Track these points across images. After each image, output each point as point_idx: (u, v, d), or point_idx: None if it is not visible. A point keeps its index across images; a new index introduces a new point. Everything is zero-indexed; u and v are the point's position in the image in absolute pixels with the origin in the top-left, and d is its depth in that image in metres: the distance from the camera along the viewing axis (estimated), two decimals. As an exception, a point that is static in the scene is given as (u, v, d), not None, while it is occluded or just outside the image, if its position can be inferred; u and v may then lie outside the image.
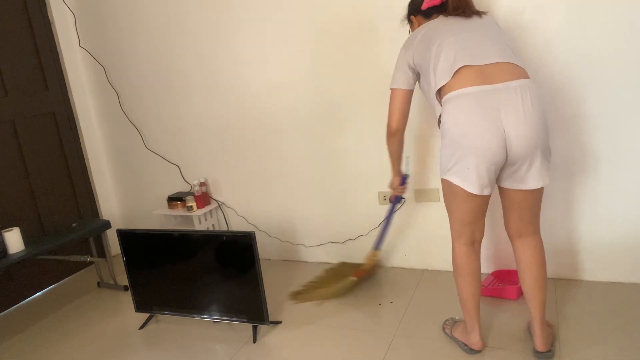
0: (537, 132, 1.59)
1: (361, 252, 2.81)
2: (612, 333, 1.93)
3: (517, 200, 1.75)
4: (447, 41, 1.70)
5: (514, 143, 1.59)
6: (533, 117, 1.58)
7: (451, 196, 1.76)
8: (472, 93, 1.61)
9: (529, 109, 1.58)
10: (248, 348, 2.16)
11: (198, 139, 3.06)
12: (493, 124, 1.58)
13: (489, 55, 1.64)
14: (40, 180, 3.03)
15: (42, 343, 2.44)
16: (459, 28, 1.73)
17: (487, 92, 1.59)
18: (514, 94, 1.58)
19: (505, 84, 1.59)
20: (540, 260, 1.80)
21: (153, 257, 2.33)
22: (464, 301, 1.86)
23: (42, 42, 3.06)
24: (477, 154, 1.61)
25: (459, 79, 1.64)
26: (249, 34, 2.72)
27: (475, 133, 1.60)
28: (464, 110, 1.61)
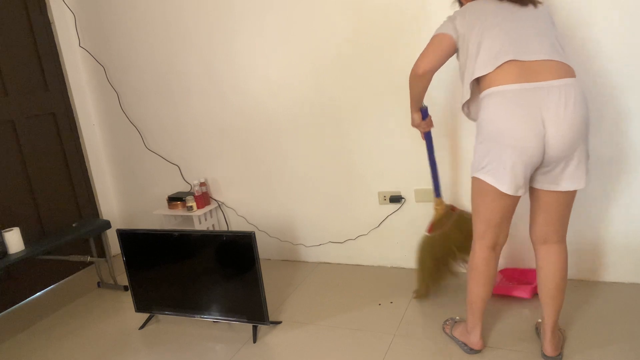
0: (576, 133, 1.54)
1: (361, 252, 2.81)
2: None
3: (547, 202, 1.71)
4: (495, 29, 1.62)
5: (552, 143, 1.55)
6: (573, 118, 1.53)
7: (480, 195, 1.70)
8: (513, 90, 1.55)
9: (570, 109, 1.52)
10: (248, 348, 2.16)
11: (198, 139, 3.06)
12: (533, 123, 1.53)
13: (536, 51, 1.57)
14: (40, 180, 3.03)
15: (42, 343, 2.44)
16: (511, 16, 1.63)
17: (529, 90, 1.54)
18: (556, 94, 1.52)
19: (548, 83, 1.53)
20: (564, 270, 1.76)
21: (153, 257, 2.33)
22: (472, 302, 1.84)
23: (42, 42, 3.06)
24: (515, 153, 1.56)
25: (502, 73, 1.58)
26: (249, 34, 2.72)
27: (514, 132, 1.55)
28: (504, 107, 1.56)
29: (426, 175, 2.53)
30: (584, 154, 1.60)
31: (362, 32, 2.47)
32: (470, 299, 1.85)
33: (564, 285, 1.76)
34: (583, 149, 1.59)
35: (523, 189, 1.64)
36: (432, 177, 2.30)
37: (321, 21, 2.53)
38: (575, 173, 1.61)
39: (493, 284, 1.82)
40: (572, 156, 1.58)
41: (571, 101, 1.53)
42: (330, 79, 2.60)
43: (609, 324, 1.99)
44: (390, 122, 2.53)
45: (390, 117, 2.52)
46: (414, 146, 2.52)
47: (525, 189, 1.65)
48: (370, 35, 2.45)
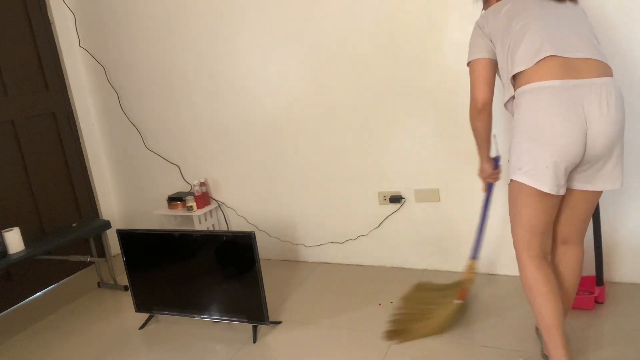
0: (617, 131, 1.51)
1: (361, 252, 2.82)
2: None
3: (575, 201, 1.66)
4: (535, 24, 1.57)
5: (595, 141, 1.50)
6: (615, 116, 1.50)
7: (521, 199, 1.60)
8: (554, 87, 1.50)
9: (612, 107, 1.49)
10: (248, 348, 2.16)
11: (198, 139, 3.06)
12: (575, 119, 1.48)
13: (577, 48, 1.53)
14: (40, 180, 3.03)
15: (42, 343, 2.43)
16: (550, 12, 1.59)
17: (570, 87, 1.49)
18: (597, 91, 1.49)
19: (590, 80, 1.49)
20: (578, 272, 1.74)
21: (153, 257, 2.33)
22: (548, 327, 1.59)
23: (42, 42, 3.06)
24: (556, 150, 1.50)
25: (542, 69, 1.52)
26: (249, 34, 2.72)
27: (555, 128, 1.49)
28: (545, 104, 1.50)
29: (426, 176, 2.53)
30: (621, 154, 1.57)
31: (361, 32, 2.47)
32: (544, 323, 1.60)
33: (575, 288, 1.75)
34: (621, 149, 1.56)
35: (564, 187, 1.57)
36: (477, 237, 2.11)
37: (321, 21, 2.53)
38: (612, 173, 1.58)
39: (559, 297, 1.61)
40: (611, 155, 1.55)
41: (612, 100, 1.49)
42: (331, 79, 2.60)
43: (611, 324, 1.99)
44: (390, 122, 2.53)
45: (390, 117, 2.52)
46: (414, 146, 2.52)
47: (565, 188, 1.58)
48: (370, 35, 2.45)
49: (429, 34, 2.33)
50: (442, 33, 2.31)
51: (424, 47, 2.36)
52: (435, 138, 2.46)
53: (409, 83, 2.44)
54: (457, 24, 2.28)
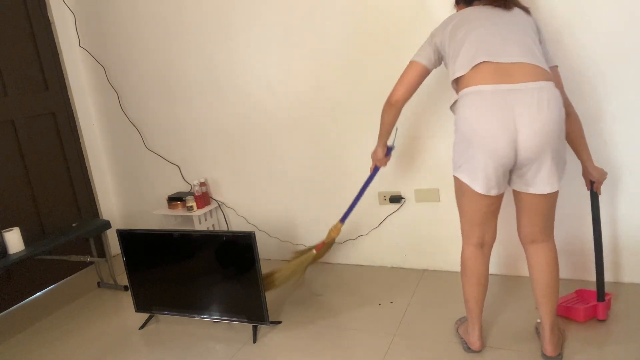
0: (547, 136, 1.55)
1: (361, 252, 2.81)
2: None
3: (528, 203, 1.71)
4: (474, 32, 1.66)
5: (523, 145, 1.56)
6: (546, 120, 1.54)
7: (461, 194, 1.75)
8: (487, 91, 1.58)
9: (544, 111, 1.53)
10: (248, 348, 2.16)
11: (198, 139, 3.06)
12: (505, 124, 1.55)
13: (512, 54, 1.59)
14: (40, 180, 3.03)
15: (42, 343, 2.44)
16: (492, 20, 1.67)
17: (503, 91, 1.56)
18: (529, 96, 1.54)
19: (523, 85, 1.55)
20: (554, 267, 1.76)
21: (153, 257, 2.33)
22: (466, 301, 1.87)
23: (42, 42, 3.06)
24: (486, 153, 1.59)
25: (477, 74, 1.61)
26: (249, 34, 2.72)
27: (486, 132, 1.57)
28: (478, 108, 1.58)
29: (426, 176, 2.53)
30: (557, 157, 1.60)
31: (361, 33, 2.47)
32: (464, 298, 1.88)
33: (555, 284, 1.77)
34: (556, 153, 1.59)
35: (496, 189, 1.67)
36: (350, 205, 2.40)
37: (321, 21, 2.53)
38: (547, 176, 1.61)
39: (484, 283, 1.83)
40: (544, 158, 1.58)
41: (544, 104, 1.54)
42: (331, 79, 2.60)
43: (608, 323, 1.99)
44: (390, 122, 2.53)
45: (390, 117, 2.52)
46: (414, 146, 2.52)
47: (499, 189, 1.68)
48: (370, 35, 2.45)
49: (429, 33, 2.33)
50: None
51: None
52: (435, 138, 2.46)
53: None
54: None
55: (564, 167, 1.65)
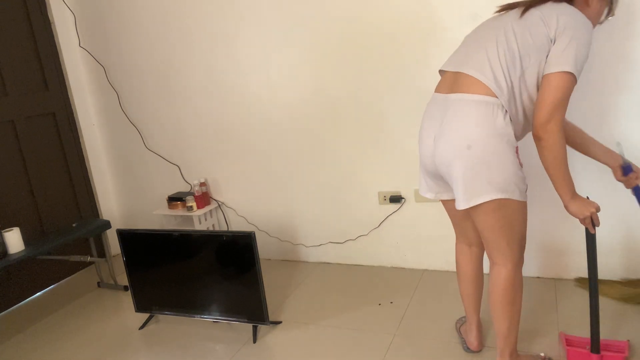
0: (449, 152, 1.50)
1: (361, 252, 2.81)
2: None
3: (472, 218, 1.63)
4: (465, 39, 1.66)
5: (436, 154, 1.56)
6: (455, 134, 1.48)
7: None
8: (432, 99, 1.63)
9: (455, 124, 1.48)
10: (248, 348, 2.16)
11: (198, 139, 3.06)
12: (428, 131, 1.59)
13: (463, 63, 1.54)
14: (40, 180, 3.03)
15: (42, 343, 2.44)
16: (484, 25, 1.61)
17: (438, 99, 1.59)
18: (450, 107, 1.51)
19: (453, 95, 1.52)
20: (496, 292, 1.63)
21: (153, 257, 2.33)
22: (461, 298, 1.92)
23: (42, 42, 3.06)
24: (420, 158, 1.68)
25: (440, 81, 1.65)
26: (249, 34, 2.72)
27: (419, 139, 1.65)
28: (423, 116, 1.66)
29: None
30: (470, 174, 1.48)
31: (363, 33, 2.46)
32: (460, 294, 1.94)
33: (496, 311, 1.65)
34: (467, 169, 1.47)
35: (431, 193, 1.72)
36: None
37: (322, 21, 2.53)
38: (460, 191, 1.52)
39: (472, 282, 1.85)
40: (453, 172, 1.51)
41: (458, 117, 1.48)
42: (331, 79, 2.60)
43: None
44: (391, 121, 2.53)
45: (391, 117, 2.53)
46: (415, 146, 2.52)
47: (436, 194, 1.71)
48: (370, 35, 2.45)
49: (430, 34, 2.33)
50: (443, 33, 2.31)
51: (424, 48, 2.36)
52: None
53: (410, 83, 2.44)
54: (457, 25, 2.27)
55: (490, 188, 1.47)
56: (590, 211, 1.50)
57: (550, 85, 1.41)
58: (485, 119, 1.45)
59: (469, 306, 1.89)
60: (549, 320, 2.06)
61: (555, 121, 1.41)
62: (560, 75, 1.40)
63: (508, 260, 1.60)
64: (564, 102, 1.41)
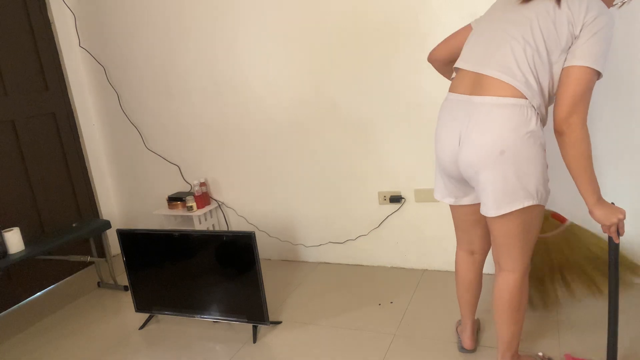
0: (476, 157, 1.44)
1: (361, 252, 2.81)
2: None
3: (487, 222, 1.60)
4: (477, 30, 1.55)
5: (461, 159, 1.50)
6: (478, 141, 1.43)
7: None
8: (449, 99, 1.55)
9: (480, 130, 1.43)
10: (248, 348, 2.16)
11: (198, 139, 3.06)
12: (450, 134, 1.51)
13: (486, 64, 1.46)
14: (40, 180, 3.03)
15: (42, 343, 2.44)
16: (497, 17, 1.51)
17: (461, 101, 1.49)
18: (477, 110, 1.44)
19: (479, 98, 1.44)
20: (503, 299, 1.60)
21: (153, 257, 2.33)
22: (458, 301, 1.92)
23: (42, 42, 3.06)
24: (438, 161, 1.61)
25: (455, 80, 1.56)
26: (249, 34, 2.72)
27: (438, 140, 1.57)
28: (441, 116, 1.57)
29: (426, 175, 2.53)
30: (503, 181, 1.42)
31: (363, 33, 2.47)
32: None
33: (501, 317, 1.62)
34: (498, 175, 1.42)
35: (450, 198, 1.66)
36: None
37: (322, 21, 2.53)
38: (489, 198, 1.46)
39: (470, 288, 1.83)
40: (483, 179, 1.45)
41: (482, 123, 1.42)
42: (331, 79, 2.60)
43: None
44: (391, 121, 2.53)
45: (390, 117, 2.53)
46: (414, 146, 2.52)
47: (456, 199, 1.65)
48: (371, 35, 2.45)
49: (430, 34, 2.33)
50: (443, 34, 2.31)
51: (424, 48, 2.36)
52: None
53: (410, 83, 2.44)
54: (457, 25, 2.27)
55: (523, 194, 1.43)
56: (618, 218, 1.40)
57: (570, 78, 1.37)
58: (519, 122, 1.39)
59: (466, 309, 1.89)
60: (549, 321, 2.06)
61: (577, 115, 1.35)
62: (580, 69, 1.36)
63: (517, 267, 1.57)
64: (585, 95, 1.35)
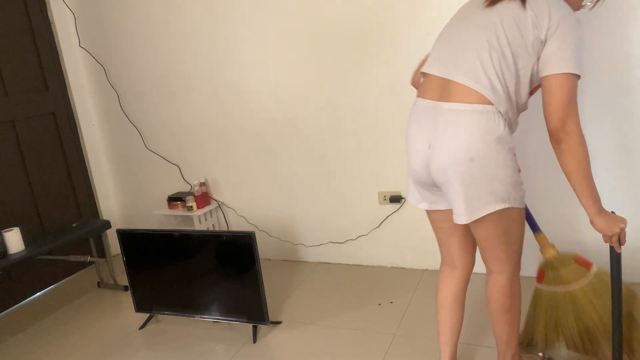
0: (445, 163, 1.42)
1: (361, 252, 2.81)
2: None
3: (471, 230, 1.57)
4: (443, 33, 1.53)
5: (431, 165, 1.47)
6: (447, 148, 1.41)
7: None
8: (419, 105, 1.51)
9: (449, 137, 1.40)
10: (248, 348, 2.16)
11: (198, 139, 3.06)
12: (420, 141, 1.48)
13: (452, 69, 1.43)
14: (40, 180, 3.03)
15: (42, 343, 2.44)
16: (464, 20, 1.49)
17: (430, 107, 1.47)
18: (443, 117, 1.42)
19: (446, 104, 1.42)
20: (495, 301, 1.58)
21: (153, 257, 2.33)
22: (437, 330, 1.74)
23: (42, 42, 3.06)
24: (409, 167, 1.57)
25: (423, 84, 1.53)
26: (249, 34, 2.72)
27: (409, 146, 1.54)
28: (410, 121, 1.54)
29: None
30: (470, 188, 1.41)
31: (363, 33, 2.46)
32: None
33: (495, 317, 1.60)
34: (467, 183, 1.41)
35: (424, 203, 1.60)
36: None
37: (322, 21, 2.53)
38: (457, 205, 1.45)
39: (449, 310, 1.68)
40: (451, 186, 1.43)
41: (456, 129, 1.40)
42: (331, 79, 2.60)
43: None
44: (391, 121, 2.53)
45: (390, 117, 2.53)
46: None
47: (430, 204, 1.60)
48: (370, 36, 2.45)
49: (430, 35, 2.33)
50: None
51: (425, 46, 2.36)
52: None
53: (410, 84, 2.44)
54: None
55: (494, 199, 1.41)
56: (620, 227, 1.37)
57: (552, 87, 1.35)
58: (487, 128, 1.38)
59: (443, 340, 1.70)
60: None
61: (571, 120, 1.33)
62: (560, 76, 1.34)
63: (505, 269, 1.55)
64: (573, 101, 1.34)
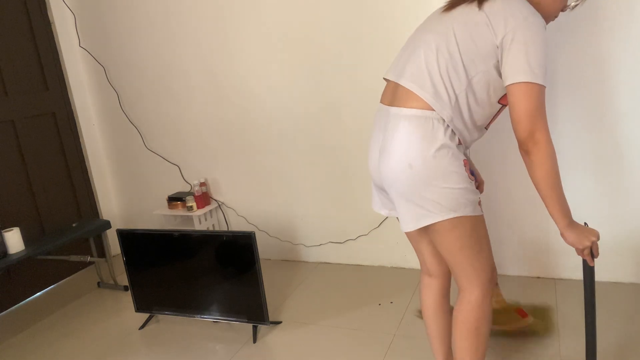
0: (389, 168, 1.39)
1: (361, 252, 2.81)
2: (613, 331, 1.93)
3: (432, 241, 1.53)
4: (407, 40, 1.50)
5: (380, 171, 1.44)
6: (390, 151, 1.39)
7: None
8: (378, 110, 1.50)
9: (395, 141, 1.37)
10: (248, 348, 2.16)
11: (198, 139, 3.06)
12: (373, 145, 1.48)
13: (402, 74, 1.41)
14: (40, 181, 3.03)
15: (42, 343, 2.44)
16: (423, 27, 1.46)
17: (382, 112, 1.45)
18: (390, 121, 1.40)
19: (393, 109, 1.40)
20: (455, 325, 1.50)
21: (153, 257, 2.33)
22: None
23: (42, 42, 3.06)
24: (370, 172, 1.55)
25: (384, 90, 1.51)
26: (249, 34, 2.72)
27: (368, 150, 1.53)
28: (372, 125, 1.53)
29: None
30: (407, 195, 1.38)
31: (362, 33, 2.47)
32: None
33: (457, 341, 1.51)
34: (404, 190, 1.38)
35: (385, 209, 1.56)
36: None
37: (322, 21, 2.53)
38: (401, 212, 1.42)
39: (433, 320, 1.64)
40: (393, 192, 1.41)
41: (396, 134, 1.37)
42: (331, 79, 2.60)
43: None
44: (390, 122, 2.53)
45: (390, 117, 2.53)
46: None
47: (392, 210, 1.55)
48: (370, 35, 2.45)
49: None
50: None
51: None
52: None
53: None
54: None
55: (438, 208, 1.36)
56: (591, 240, 1.33)
57: (515, 97, 1.28)
58: (424, 134, 1.34)
59: (435, 348, 1.67)
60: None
61: (539, 130, 1.27)
62: (524, 85, 1.27)
63: (474, 286, 1.45)
64: (540, 110, 1.27)
